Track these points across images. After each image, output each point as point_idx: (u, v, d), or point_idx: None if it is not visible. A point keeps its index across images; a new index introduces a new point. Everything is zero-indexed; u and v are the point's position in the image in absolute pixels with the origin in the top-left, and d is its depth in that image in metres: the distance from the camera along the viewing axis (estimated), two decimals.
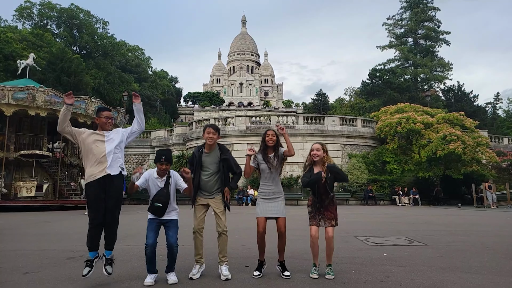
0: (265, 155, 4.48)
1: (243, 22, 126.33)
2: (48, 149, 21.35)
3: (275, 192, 4.48)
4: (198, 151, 4.59)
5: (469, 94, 51.66)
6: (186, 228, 5.21)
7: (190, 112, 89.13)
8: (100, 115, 4.22)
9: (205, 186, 4.44)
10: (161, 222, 4.23)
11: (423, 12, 54.53)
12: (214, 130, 4.53)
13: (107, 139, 4.13)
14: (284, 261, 4.40)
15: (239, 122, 25.91)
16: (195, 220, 4.43)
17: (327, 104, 75.33)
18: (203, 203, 4.45)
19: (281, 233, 4.34)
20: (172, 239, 4.15)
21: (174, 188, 4.32)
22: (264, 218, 4.38)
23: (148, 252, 4.04)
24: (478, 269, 4.72)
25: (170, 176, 4.29)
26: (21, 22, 58.03)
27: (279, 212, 4.39)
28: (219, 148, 4.57)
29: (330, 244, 4.27)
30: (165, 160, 4.20)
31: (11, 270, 4.66)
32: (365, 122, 28.08)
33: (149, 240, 4.08)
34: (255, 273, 4.27)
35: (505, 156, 26.95)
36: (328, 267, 4.28)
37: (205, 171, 4.45)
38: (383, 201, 24.27)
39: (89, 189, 4.03)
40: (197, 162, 4.48)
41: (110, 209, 4.00)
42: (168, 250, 4.16)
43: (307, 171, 4.46)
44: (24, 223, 11.46)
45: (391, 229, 9.40)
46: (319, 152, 4.36)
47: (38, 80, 29.82)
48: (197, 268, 4.33)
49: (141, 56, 76.94)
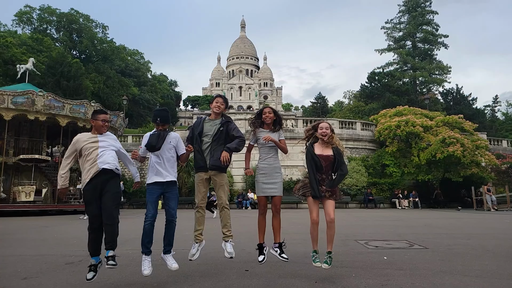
0: (262, 131, 4.47)
1: (242, 26, 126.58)
2: (47, 153, 21.35)
3: (274, 167, 4.43)
4: (201, 118, 4.53)
5: (468, 97, 51.84)
6: (186, 232, 5.19)
7: (189, 116, 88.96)
8: (97, 118, 4.15)
9: (205, 156, 4.31)
10: (161, 191, 4.16)
11: (421, 15, 54.76)
12: (223, 100, 4.49)
13: (101, 143, 4.07)
14: (282, 242, 4.29)
15: (239, 125, 25.87)
16: (198, 195, 4.36)
17: (326, 107, 75.56)
18: (206, 177, 4.37)
19: (276, 210, 4.31)
20: (173, 210, 4.12)
21: (173, 146, 4.27)
22: (265, 197, 4.37)
23: (147, 224, 3.99)
24: (479, 273, 4.70)
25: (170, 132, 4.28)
26: (21, 26, 58.17)
27: (277, 191, 4.37)
28: (223, 116, 4.49)
29: (331, 228, 4.07)
30: (160, 121, 4.15)
31: (9, 276, 4.63)
32: (365, 125, 28.11)
33: (149, 212, 4.04)
34: (259, 259, 4.23)
35: (504, 158, 26.97)
36: (328, 255, 4.12)
37: (205, 137, 4.36)
38: (383, 204, 24.25)
39: (85, 193, 4.00)
40: (198, 128, 4.39)
41: (107, 208, 3.89)
42: (167, 223, 4.11)
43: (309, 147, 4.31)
44: (23, 228, 11.42)
45: (391, 232, 9.37)
46: (328, 131, 4.22)
47: (38, 84, 29.81)
48: (196, 247, 4.27)
49: (141, 60, 77.12)
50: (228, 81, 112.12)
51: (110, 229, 3.88)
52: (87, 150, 4.01)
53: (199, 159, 4.37)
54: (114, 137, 4.34)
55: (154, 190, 4.18)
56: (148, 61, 79.91)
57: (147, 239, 4.03)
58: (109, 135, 4.26)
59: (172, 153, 4.28)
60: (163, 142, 4.19)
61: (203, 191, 4.38)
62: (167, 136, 4.25)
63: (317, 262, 4.10)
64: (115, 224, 3.95)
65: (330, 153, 4.21)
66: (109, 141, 4.14)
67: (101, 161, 3.95)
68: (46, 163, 19.80)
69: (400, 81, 50.07)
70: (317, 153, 4.21)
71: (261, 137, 4.42)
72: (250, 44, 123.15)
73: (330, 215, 4.09)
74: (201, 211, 4.35)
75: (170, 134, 4.32)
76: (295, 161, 24.50)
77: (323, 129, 4.23)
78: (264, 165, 4.43)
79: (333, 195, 4.20)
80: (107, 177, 3.97)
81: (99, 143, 4.04)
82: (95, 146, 4.02)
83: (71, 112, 18.24)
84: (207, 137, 4.35)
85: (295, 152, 24.84)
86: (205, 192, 4.40)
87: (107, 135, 4.21)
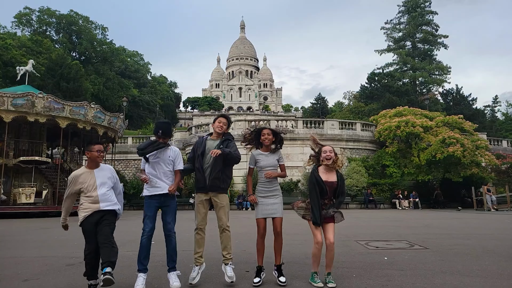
0: (261, 154, 4.42)
1: (242, 27, 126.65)
2: (48, 155, 21.33)
3: (273, 190, 4.39)
4: (202, 138, 4.49)
5: (468, 97, 51.82)
6: (186, 234, 5.19)
7: (189, 117, 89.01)
8: (92, 149, 4.05)
9: (206, 175, 4.25)
10: (158, 204, 4.09)
11: (421, 16, 54.79)
12: (226, 120, 4.44)
13: (98, 180, 3.98)
14: (282, 264, 4.25)
15: (239, 126, 25.92)
16: (198, 216, 4.28)
17: (326, 108, 75.61)
18: (206, 198, 4.31)
19: (277, 233, 4.23)
20: (169, 225, 4.00)
21: (171, 161, 4.21)
22: (264, 219, 4.30)
23: (144, 238, 3.87)
24: (479, 273, 4.70)
25: (170, 146, 4.22)
26: (20, 28, 58.23)
27: (277, 212, 4.30)
28: (223, 135, 4.46)
29: (331, 251, 4.11)
30: (162, 134, 4.08)
31: (10, 277, 4.64)
32: (365, 125, 28.11)
33: (146, 226, 3.94)
34: (255, 280, 4.13)
35: (504, 158, 26.95)
36: (328, 275, 4.12)
37: (207, 156, 4.29)
38: (383, 204, 24.24)
39: (83, 230, 3.93)
40: (200, 148, 4.34)
41: (104, 232, 3.82)
42: (165, 237, 4.01)
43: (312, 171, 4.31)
44: (24, 229, 11.42)
45: (392, 232, 9.37)
46: (332, 154, 4.21)
47: (37, 86, 29.84)
48: (196, 270, 4.16)
49: (140, 61, 77.24)
50: (227, 82, 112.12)
51: (104, 246, 3.72)
52: (85, 189, 3.96)
53: (199, 179, 4.31)
54: (110, 168, 4.24)
55: (151, 204, 4.13)
56: (147, 62, 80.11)
57: (143, 254, 3.95)
58: (105, 169, 4.15)
59: (170, 167, 4.22)
60: (153, 151, 4.09)
61: (202, 212, 4.29)
62: (167, 149, 4.19)
63: (318, 282, 4.05)
64: (110, 243, 3.81)
65: (334, 179, 4.23)
66: (106, 175, 4.06)
67: (103, 200, 3.91)
68: (46, 164, 19.79)
69: (400, 82, 50.07)
70: (323, 179, 4.22)
71: (261, 160, 4.40)
72: (249, 45, 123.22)
73: (330, 239, 4.10)
74: (201, 233, 4.27)
75: (170, 149, 4.24)
76: (295, 162, 24.51)
77: (327, 152, 4.22)
78: (263, 188, 4.40)
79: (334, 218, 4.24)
80: (105, 211, 3.94)
81: (96, 181, 3.96)
82: (93, 184, 3.95)
83: (71, 113, 18.24)
84: (209, 157, 4.29)
85: (295, 153, 24.85)
86: (205, 213, 4.32)
87: (102, 169, 4.10)
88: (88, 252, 3.84)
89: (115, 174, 4.25)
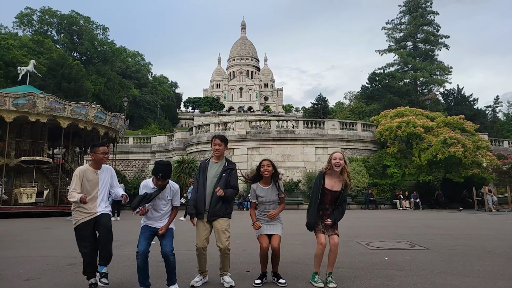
0: (262, 188, 4.43)
1: (243, 27, 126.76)
2: (49, 155, 21.34)
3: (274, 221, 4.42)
4: (205, 161, 4.53)
5: (469, 98, 51.81)
6: (188, 234, 5.19)
7: (190, 117, 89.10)
8: (96, 151, 4.11)
9: (206, 201, 4.28)
10: (154, 231, 4.07)
11: (422, 16, 54.82)
12: (221, 140, 4.42)
13: (101, 182, 4.14)
14: (278, 271, 4.33)
15: (239, 127, 25.93)
16: (198, 237, 4.27)
17: (327, 109, 75.53)
18: (206, 220, 4.28)
19: (275, 249, 4.26)
20: (167, 247, 3.95)
21: (169, 200, 4.21)
22: (265, 235, 4.32)
23: (139, 261, 3.83)
24: (480, 273, 4.70)
25: (168, 185, 4.19)
26: (22, 28, 58.45)
27: (276, 231, 4.35)
28: (226, 161, 4.46)
29: (335, 251, 4.19)
30: (162, 177, 4.04)
31: (12, 277, 4.65)
32: (365, 126, 28.10)
33: (140, 246, 3.89)
34: (256, 282, 4.20)
35: (506, 159, 26.91)
36: (329, 275, 4.18)
37: (209, 180, 4.34)
38: (384, 205, 24.21)
39: (79, 232, 3.99)
40: (204, 171, 4.38)
41: (105, 226, 3.96)
42: (165, 260, 3.97)
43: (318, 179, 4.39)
44: (25, 229, 11.45)
45: (392, 233, 9.38)
46: (342, 161, 4.25)
47: (39, 86, 29.92)
48: (200, 277, 4.24)
49: (141, 61, 77.38)
50: (228, 82, 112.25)
51: (104, 244, 3.91)
52: (88, 186, 4.07)
53: (201, 202, 4.31)
54: (110, 169, 4.36)
55: (146, 229, 4.12)
56: (148, 62, 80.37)
57: (142, 276, 3.90)
58: (106, 170, 4.28)
59: (168, 206, 4.22)
60: (146, 203, 4.08)
61: (203, 235, 4.24)
62: (165, 189, 4.16)
63: (319, 282, 4.12)
64: (109, 242, 3.98)
65: (338, 189, 4.30)
66: (107, 177, 4.23)
67: (101, 205, 4.07)
68: (48, 164, 19.81)
69: (401, 82, 50.03)
70: (327, 186, 4.28)
71: (261, 195, 4.43)
72: (250, 45, 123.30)
73: (334, 239, 4.21)
74: (203, 252, 4.27)
75: (168, 187, 4.21)
76: (296, 162, 24.50)
77: (337, 159, 4.28)
78: (263, 216, 4.43)
79: (334, 230, 4.28)
80: (101, 215, 4.05)
81: (98, 183, 4.12)
82: (95, 185, 4.09)
83: (72, 113, 18.26)
84: (211, 180, 4.35)
85: (295, 153, 24.85)
86: (206, 236, 4.28)
87: (104, 170, 4.23)
88: (86, 251, 3.91)
89: (114, 172, 4.39)
